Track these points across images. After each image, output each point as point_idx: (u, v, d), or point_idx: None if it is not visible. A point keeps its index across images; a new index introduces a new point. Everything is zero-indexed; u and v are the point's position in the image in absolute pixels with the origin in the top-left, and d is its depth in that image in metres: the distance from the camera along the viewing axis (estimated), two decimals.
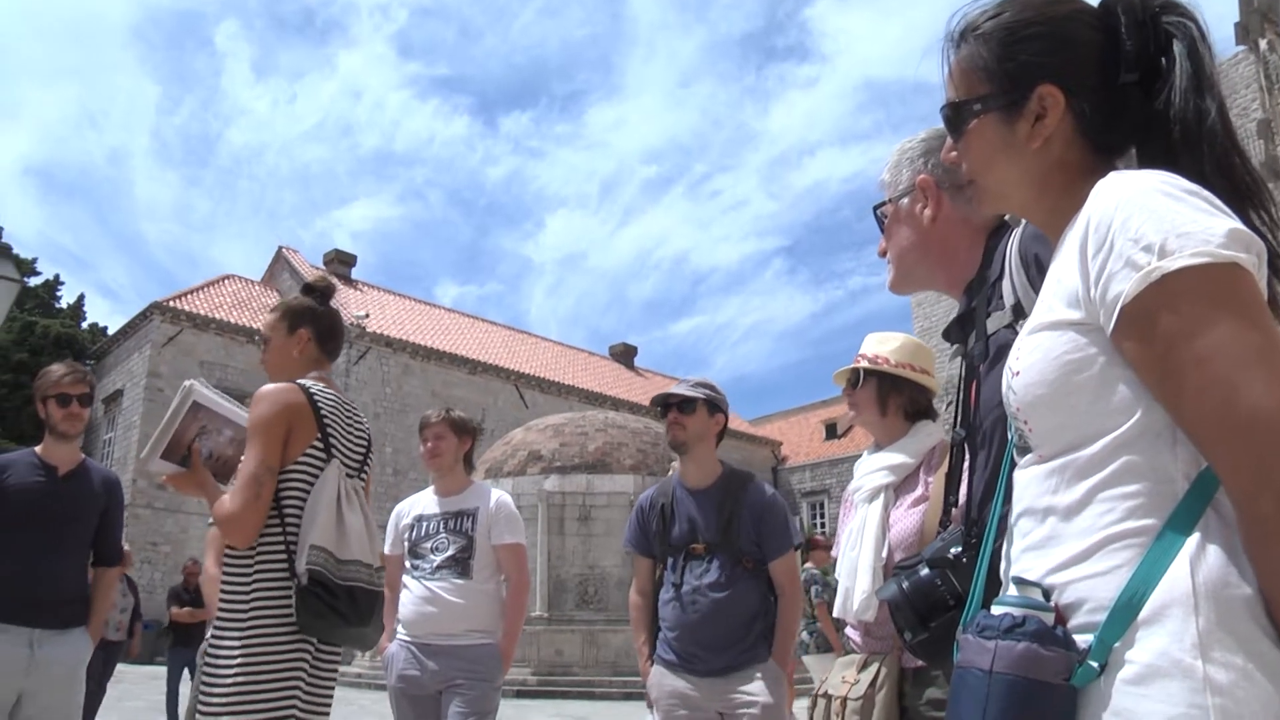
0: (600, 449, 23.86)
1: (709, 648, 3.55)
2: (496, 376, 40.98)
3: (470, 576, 4.14)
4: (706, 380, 3.87)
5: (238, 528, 2.54)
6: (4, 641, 3.67)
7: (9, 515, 3.79)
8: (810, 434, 54.25)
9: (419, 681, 4.09)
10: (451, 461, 4.38)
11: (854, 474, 3.08)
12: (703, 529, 3.69)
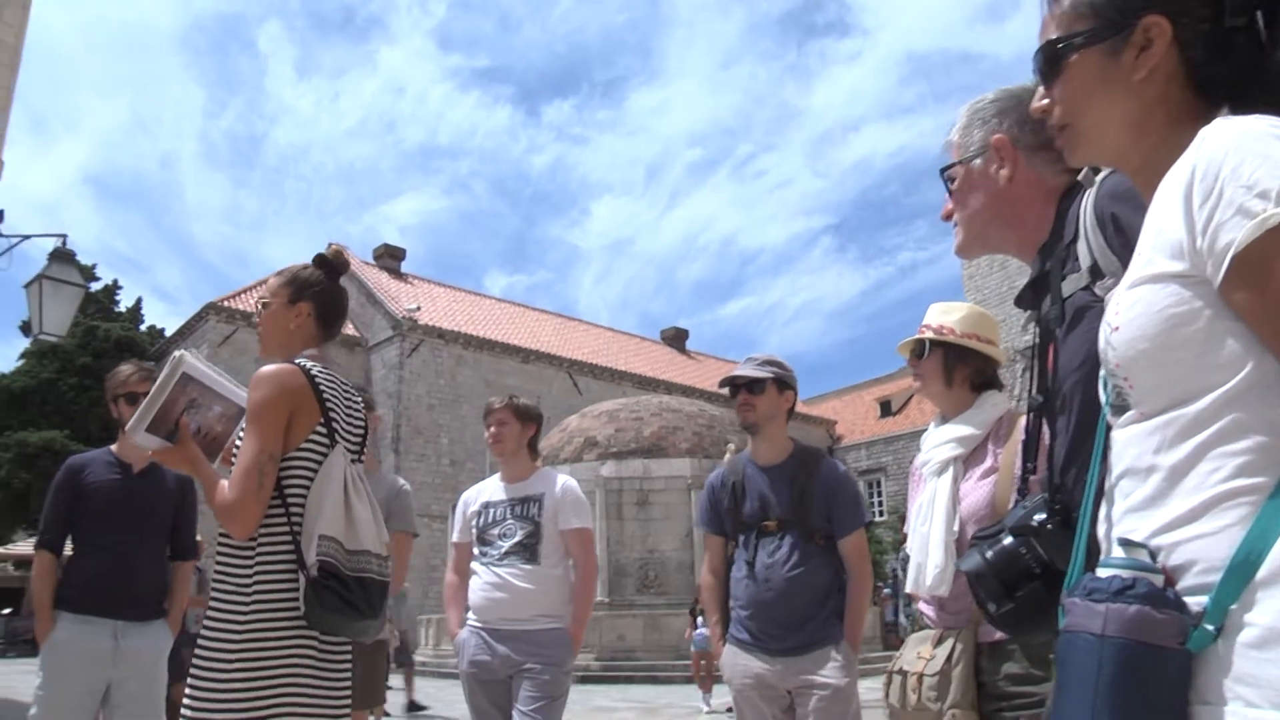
0: (656, 433, 23.86)
1: (782, 626, 3.53)
2: (549, 364, 41.12)
3: (538, 562, 4.13)
4: (773, 358, 3.82)
5: (237, 518, 2.40)
6: (91, 634, 3.87)
7: (90, 513, 3.98)
8: (865, 412, 53.95)
9: (490, 666, 4.09)
10: (515, 447, 4.36)
11: (921, 447, 3.03)
12: (774, 506, 3.67)
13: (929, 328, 3.00)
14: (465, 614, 4.28)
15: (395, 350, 37.36)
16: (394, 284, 42.21)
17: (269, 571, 2.42)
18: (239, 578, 2.43)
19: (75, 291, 10.17)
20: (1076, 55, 1.28)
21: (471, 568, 4.29)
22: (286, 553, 2.43)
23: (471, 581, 4.25)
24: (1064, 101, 1.32)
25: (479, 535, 4.31)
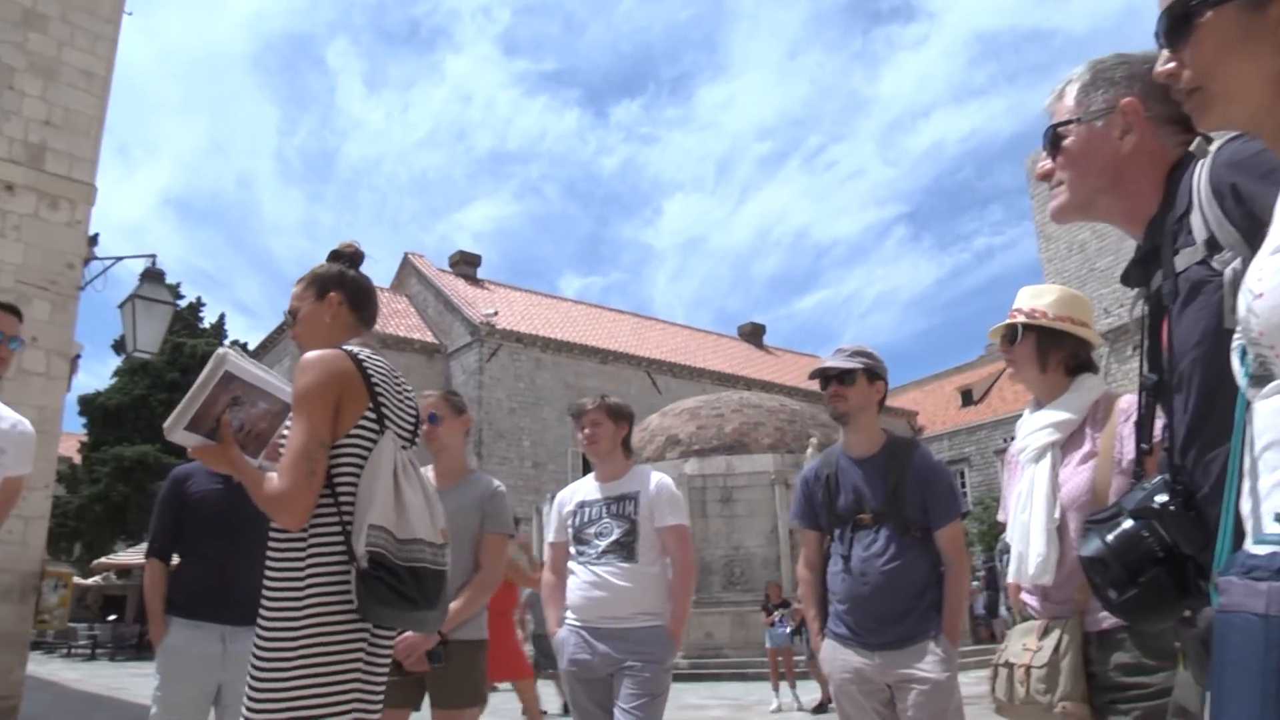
0: (737, 429, 23.81)
1: (881, 620, 3.50)
2: (627, 364, 41.22)
3: (635, 560, 4.13)
4: (863, 348, 3.80)
5: (289, 508, 2.34)
6: (201, 638, 3.99)
7: (194, 522, 4.12)
8: (946, 402, 53.29)
9: (590, 665, 4.10)
10: (609, 447, 4.36)
11: (1016, 434, 3.00)
12: (869, 499, 3.63)
13: (1021, 312, 2.96)
14: (564, 613, 4.29)
15: (474, 356, 37.73)
16: (471, 290, 42.62)
17: (322, 564, 2.37)
18: (293, 572, 2.38)
19: (165, 309, 10.47)
20: (1211, 12, 1.24)
21: (569, 567, 4.31)
22: (338, 544, 2.38)
23: (569, 581, 4.27)
24: (1195, 63, 1.28)
25: (575, 534, 4.33)
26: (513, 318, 40.47)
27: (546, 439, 38.05)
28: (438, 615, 2.52)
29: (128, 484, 37.19)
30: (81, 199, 9.49)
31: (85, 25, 9.77)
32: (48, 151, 9.35)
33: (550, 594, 4.45)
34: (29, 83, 9.35)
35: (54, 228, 9.29)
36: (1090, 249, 38.25)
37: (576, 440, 21.57)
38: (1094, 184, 1.69)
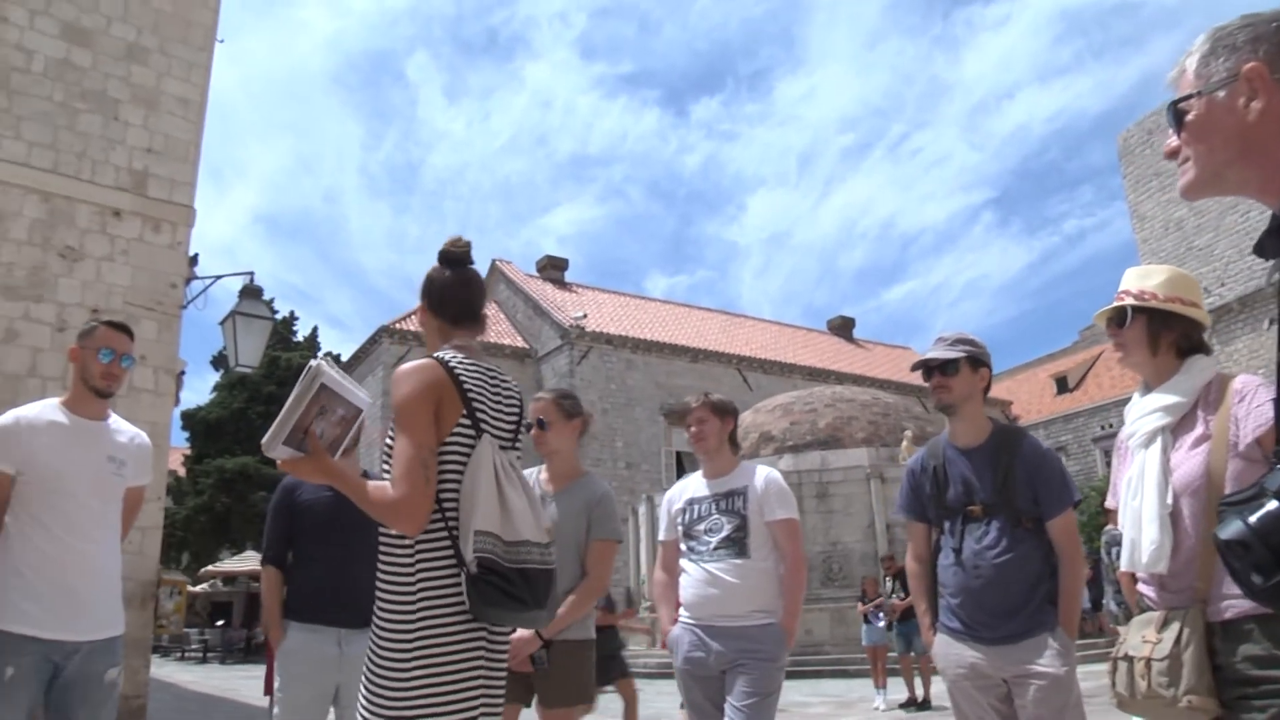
0: (831, 425, 23.68)
1: (994, 614, 3.42)
2: (718, 362, 41.14)
3: (747, 555, 4.12)
4: (965, 335, 3.74)
5: (407, 516, 2.35)
6: (318, 641, 4.10)
7: (308, 528, 4.24)
8: (1040, 390, 52.24)
9: (704, 663, 4.10)
10: (716, 443, 4.35)
11: (1125, 419, 2.94)
12: (978, 490, 3.56)
13: (1129, 294, 2.88)
14: (677, 611, 4.29)
15: (565, 359, 37.99)
16: (559, 294, 42.93)
17: (431, 568, 2.39)
18: (403, 578, 2.41)
19: (264, 324, 10.79)
20: None
21: (680, 565, 4.31)
22: (445, 548, 2.40)
23: (682, 579, 4.27)
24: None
25: (686, 531, 4.32)
26: (602, 319, 40.66)
27: (639, 439, 38.16)
28: (547, 614, 2.53)
29: (230, 495, 38.37)
30: (182, 221, 9.80)
31: (181, 55, 10.10)
32: (150, 177, 9.68)
33: (662, 592, 4.46)
34: (132, 113, 9.70)
35: (157, 250, 9.61)
36: (1188, 226, 37.26)
37: (669, 440, 21.86)
38: (1221, 157, 1.60)
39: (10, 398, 8.37)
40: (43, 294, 8.96)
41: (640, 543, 26.07)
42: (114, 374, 3.71)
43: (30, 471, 3.49)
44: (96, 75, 9.58)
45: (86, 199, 9.33)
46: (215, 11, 10.46)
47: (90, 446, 3.65)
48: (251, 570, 35.82)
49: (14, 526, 3.48)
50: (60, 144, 9.28)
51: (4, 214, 8.90)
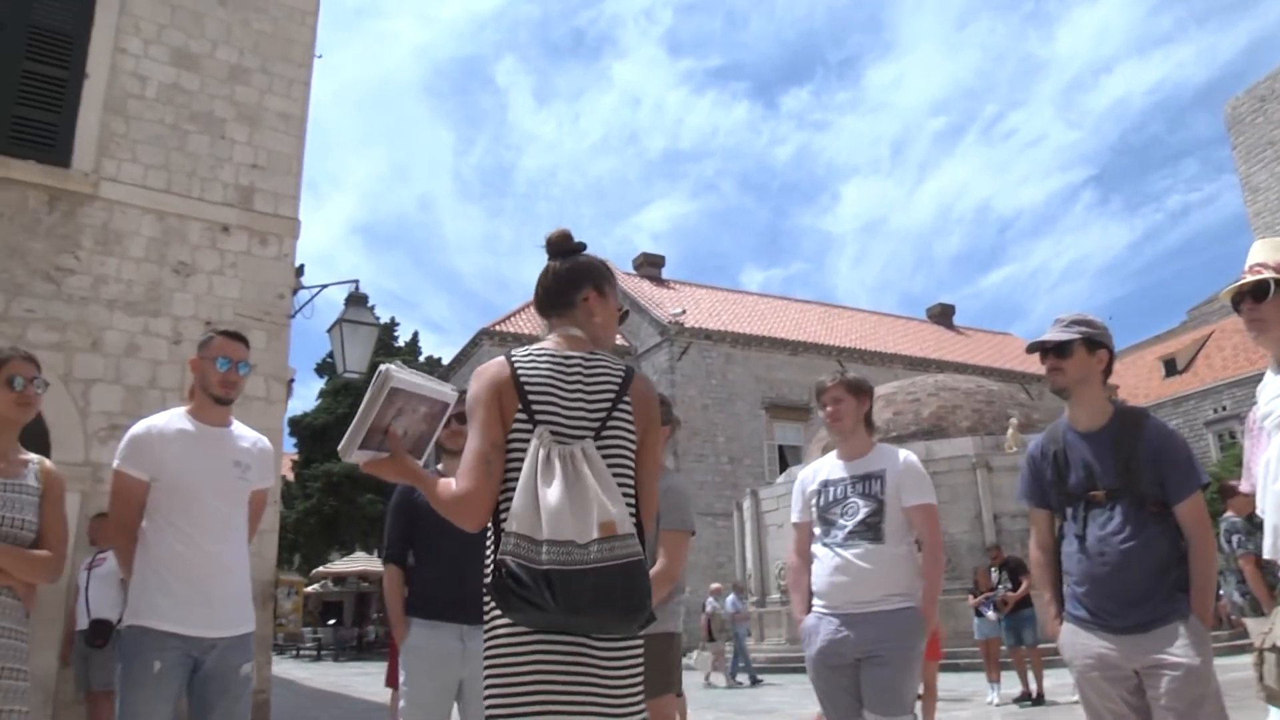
0: (934, 414, 23.41)
1: (1122, 602, 3.30)
2: (817, 354, 40.89)
3: (883, 540, 4.03)
4: (1082, 316, 3.61)
5: (468, 510, 2.35)
6: (439, 637, 4.15)
7: (427, 526, 4.24)
8: (1147, 373, 50.83)
9: (839, 651, 4.02)
10: (852, 424, 4.29)
11: (1257, 399, 2.83)
12: (1100, 474, 3.43)
13: (1266, 267, 2.79)
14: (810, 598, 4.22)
15: (665, 355, 38.12)
16: (657, 291, 43.09)
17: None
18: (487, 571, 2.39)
19: (370, 331, 11.07)
20: None
21: (813, 551, 4.23)
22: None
23: (815, 566, 4.19)
24: None
25: (820, 515, 4.24)
26: (700, 315, 40.70)
27: (741, 433, 38.11)
28: (588, 620, 2.26)
29: (337, 498, 39.43)
30: (287, 233, 10.13)
31: (282, 72, 10.43)
32: (256, 192, 10.03)
33: (795, 577, 4.35)
34: (237, 131, 10.06)
35: (264, 262, 9.94)
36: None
37: (771, 433, 21.81)
38: None
39: (134, 409, 8.78)
40: (159, 309, 9.35)
41: (746, 536, 26.06)
42: (231, 381, 3.89)
43: (163, 478, 3.69)
44: (203, 97, 9.96)
45: (197, 216, 9.71)
46: (313, 29, 10.78)
47: (216, 452, 3.83)
48: (361, 570, 36.79)
49: (150, 530, 3.69)
50: (172, 164, 9.68)
51: (123, 234, 9.32)
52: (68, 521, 3.76)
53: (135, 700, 3.49)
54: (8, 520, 3.38)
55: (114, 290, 9.18)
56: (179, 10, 10.01)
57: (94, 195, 9.23)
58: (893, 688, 3.90)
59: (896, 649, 3.92)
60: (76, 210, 9.16)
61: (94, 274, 9.13)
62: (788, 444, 38.19)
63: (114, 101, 9.50)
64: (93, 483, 8.48)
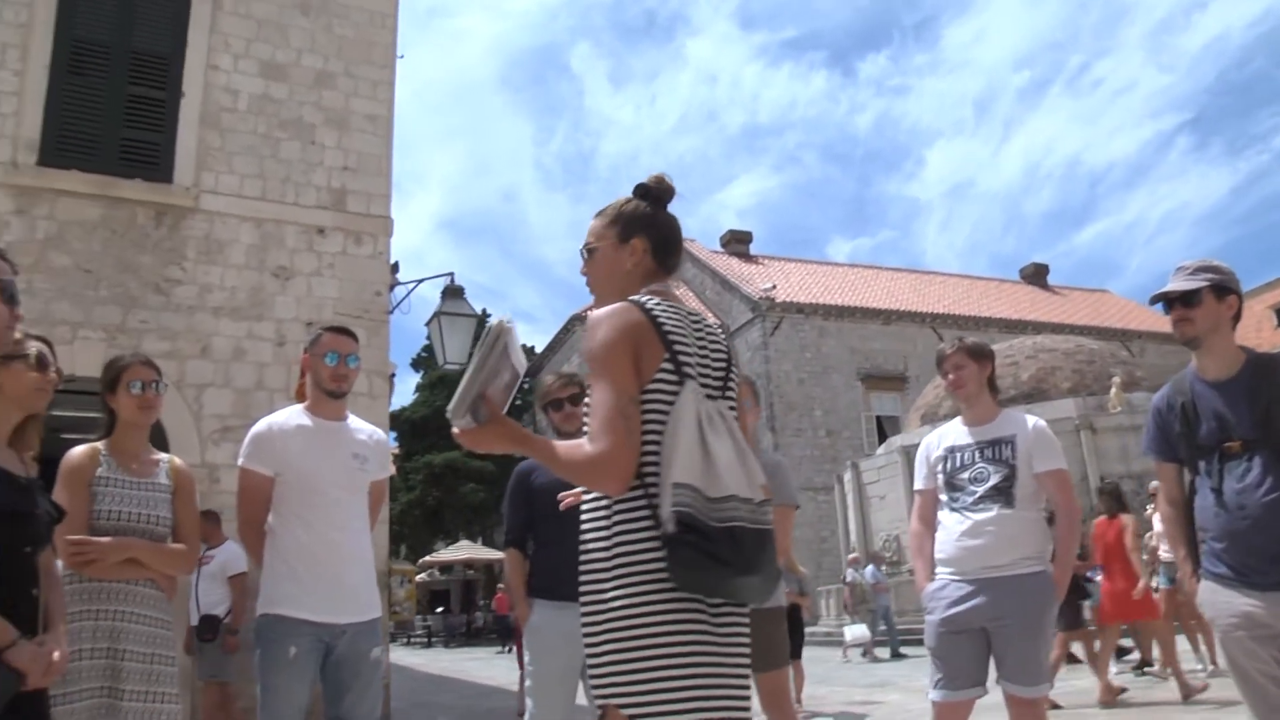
0: (1034, 377, 23.07)
1: (1266, 557, 3.14)
2: (911, 322, 40.45)
3: (1014, 506, 3.97)
4: (1208, 262, 3.44)
5: (609, 472, 2.13)
6: (561, 617, 4.17)
7: (545, 507, 4.27)
8: (1256, 323, 49.13)
9: (966, 616, 3.96)
10: (976, 388, 4.25)
11: None
12: (1234, 425, 3.28)
13: None
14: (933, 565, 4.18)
15: (758, 331, 38.05)
16: (746, 267, 42.99)
17: (628, 531, 2.17)
18: (599, 543, 2.25)
19: (468, 322, 11.26)
20: None
21: (939, 517, 4.19)
22: (643, 508, 2.16)
23: (940, 532, 4.15)
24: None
25: (947, 481, 4.18)
26: (790, 289, 40.52)
27: (838, 406, 37.91)
28: (761, 581, 2.17)
29: (439, 488, 40.26)
30: (381, 232, 10.40)
31: (366, 75, 10.69)
32: (348, 194, 10.30)
33: (919, 544, 4.30)
34: (327, 135, 10.36)
35: (360, 261, 10.22)
36: None
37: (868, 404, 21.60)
38: None
39: (243, 410, 9.14)
40: (262, 313, 9.70)
41: (849, 509, 25.96)
42: (342, 374, 4.05)
43: (286, 473, 3.88)
44: (292, 104, 10.27)
45: (293, 220, 10.04)
46: (393, 31, 11.01)
47: (335, 446, 4.00)
48: (466, 558, 37.52)
49: (278, 524, 3.89)
50: (266, 172, 10.01)
51: (224, 243, 9.68)
52: (198, 515, 3.96)
53: (274, 684, 3.69)
54: (146, 517, 3.57)
55: (219, 298, 9.56)
56: (264, 24, 10.34)
57: (195, 208, 9.63)
58: (1029, 656, 3.85)
59: (1029, 615, 3.87)
60: (180, 223, 9.56)
61: (199, 283, 9.51)
62: (885, 414, 37.87)
63: (209, 116, 9.89)
64: (209, 483, 8.84)
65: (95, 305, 9.03)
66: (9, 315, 2.49)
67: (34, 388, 2.97)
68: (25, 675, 2.55)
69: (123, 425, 3.68)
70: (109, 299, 9.11)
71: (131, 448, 3.70)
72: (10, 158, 9.01)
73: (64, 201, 9.15)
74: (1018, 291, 49.61)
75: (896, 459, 22.76)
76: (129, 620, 3.47)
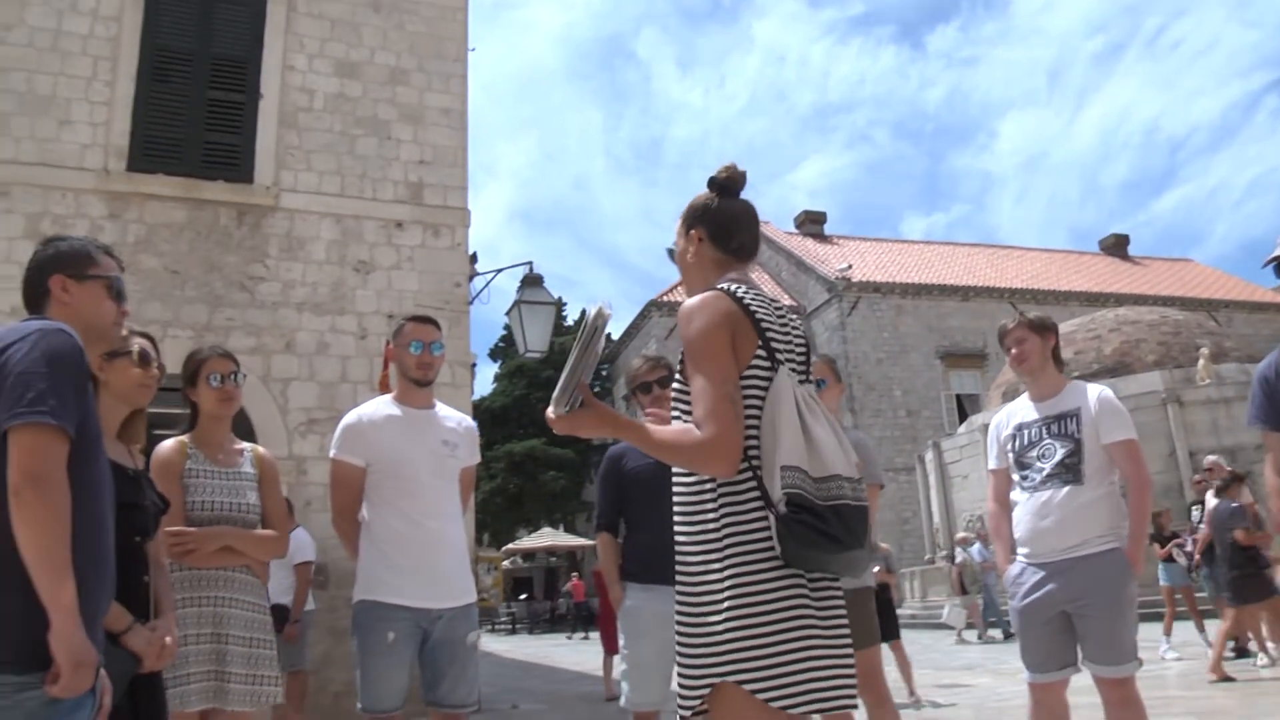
0: (1117, 350, 22.69)
1: None
2: (989, 298, 39.90)
3: (1082, 482, 3.87)
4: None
5: (722, 454, 2.16)
6: (654, 598, 4.16)
7: (636, 492, 4.40)
8: None
9: (1044, 603, 3.91)
10: (1040, 362, 4.16)
11: None
12: None
13: None
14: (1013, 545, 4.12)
15: (834, 312, 37.85)
16: (821, 248, 42.75)
17: (736, 512, 2.21)
18: (705, 524, 2.27)
19: (548, 310, 11.35)
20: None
21: (1012, 497, 4.13)
22: (750, 489, 2.20)
23: (1015, 512, 4.09)
24: None
25: (1017, 459, 4.11)
26: (866, 268, 40.23)
27: (917, 385, 37.58)
28: (864, 554, 2.25)
29: (520, 476, 40.66)
30: (459, 223, 10.53)
31: (439, 69, 10.83)
32: (425, 187, 10.46)
33: (996, 525, 4.26)
34: (402, 130, 10.51)
35: (439, 253, 10.36)
36: None
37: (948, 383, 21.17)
38: None
39: (328, 403, 9.35)
40: (344, 307, 9.89)
41: (930, 490, 25.77)
42: (427, 362, 4.11)
43: (378, 462, 3.94)
44: (367, 102, 10.44)
45: (371, 215, 10.22)
46: (464, 24, 11.13)
47: (425, 433, 4.06)
48: (548, 545, 37.88)
49: (372, 512, 3.96)
50: (344, 168, 10.20)
51: (304, 239, 9.88)
52: (284, 502, 4.05)
53: (374, 668, 3.77)
54: (236, 506, 3.69)
55: (301, 293, 9.77)
56: (338, 23, 10.53)
57: (276, 206, 9.85)
58: (1111, 637, 3.77)
59: (1106, 596, 3.78)
60: (261, 222, 9.79)
61: (282, 280, 9.73)
62: (965, 393, 37.47)
63: (286, 116, 10.10)
64: (297, 474, 9.06)
65: (183, 305, 9.29)
66: (117, 312, 2.58)
67: (138, 383, 3.08)
68: (141, 658, 2.68)
69: (205, 417, 3.78)
70: (196, 298, 9.37)
71: (216, 439, 3.81)
72: (102, 165, 9.34)
73: (152, 205, 9.44)
74: (1098, 263, 48.68)
75: (978, 438, 22.52)
76: (229, 606, 3.59)
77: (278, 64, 10.15)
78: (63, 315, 2.37)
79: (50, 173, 9.20)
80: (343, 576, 9.20)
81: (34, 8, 9.49)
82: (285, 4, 10.29)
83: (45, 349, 2.10)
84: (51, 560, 1.98)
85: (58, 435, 2.06)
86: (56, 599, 1.98)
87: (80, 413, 2.14)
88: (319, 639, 8.82)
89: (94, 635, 2.12)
